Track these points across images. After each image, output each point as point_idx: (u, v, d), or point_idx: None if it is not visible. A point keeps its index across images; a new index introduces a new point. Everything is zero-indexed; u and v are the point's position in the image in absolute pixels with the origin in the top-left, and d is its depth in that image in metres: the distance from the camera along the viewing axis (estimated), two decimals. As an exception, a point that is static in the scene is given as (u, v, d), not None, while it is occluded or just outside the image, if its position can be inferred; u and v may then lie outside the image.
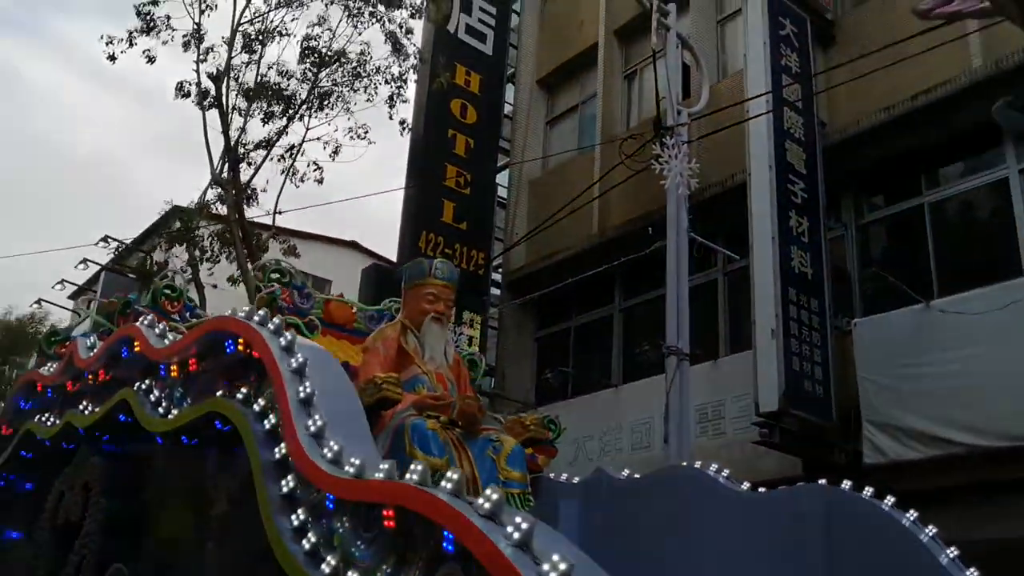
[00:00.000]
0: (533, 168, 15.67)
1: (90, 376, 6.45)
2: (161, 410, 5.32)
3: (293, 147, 15.49)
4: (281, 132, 15.21)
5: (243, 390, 4.53)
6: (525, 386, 14.19)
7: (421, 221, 14.38)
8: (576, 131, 15.65)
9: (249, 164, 15.21)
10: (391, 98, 15.25)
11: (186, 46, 14.69)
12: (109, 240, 19.71)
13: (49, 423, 6.85)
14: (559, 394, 13.20)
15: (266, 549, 3.90)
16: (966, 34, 9.29)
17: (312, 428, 3.87)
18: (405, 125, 15.45)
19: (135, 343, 5.84)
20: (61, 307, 25.36)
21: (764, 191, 10.08)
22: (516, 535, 2.67)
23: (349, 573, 3.33)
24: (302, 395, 4.05)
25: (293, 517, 3.73)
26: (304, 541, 3.61)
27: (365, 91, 15.26)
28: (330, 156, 15.52)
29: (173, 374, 5.41)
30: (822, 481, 4.55)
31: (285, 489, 3.86)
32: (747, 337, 10.11)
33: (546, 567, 2.56)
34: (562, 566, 2.55)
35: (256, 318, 4.64)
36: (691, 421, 9.59)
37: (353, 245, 28.38)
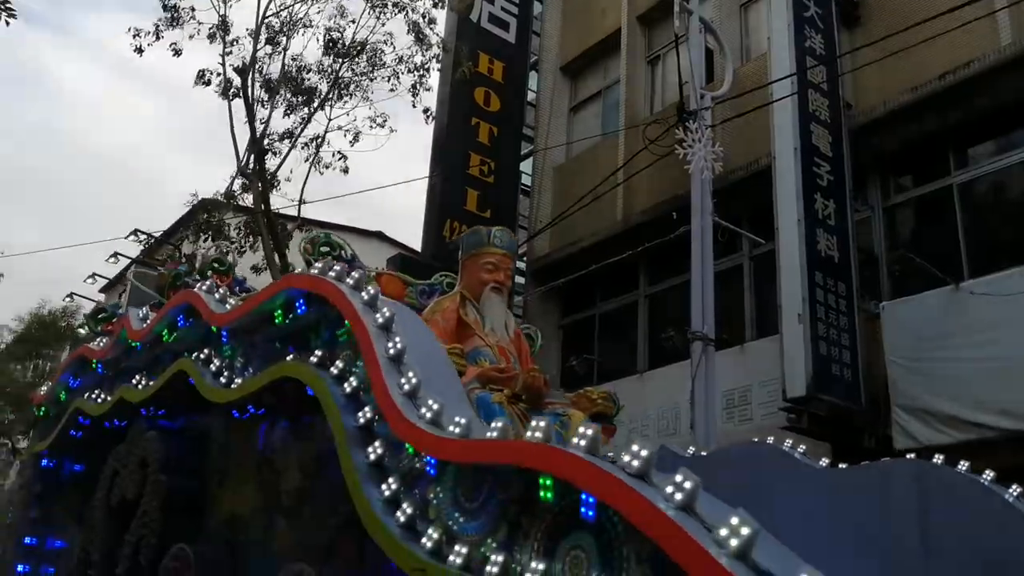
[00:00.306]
0: (557, 155, 15.64)
1: (144, 349, 6.20)
2: (223, 380, 5.05)
3: (317, 137, 15.58)
4: (306, 121, 15.29)
5: (318, 352, 4.24)
6: (550, 373, 14.14)
7: (445, 210, 14.41)
8: (600, 117, 15.60)
9: (274, 154, 15.31)
10: (414, 87, 15.27)
11: (211, 38, 14.77)
12: (139, 233, 19.91)
13: (99, 400, 6.62)
14: (584, 381, 13.15)
15: (344, 524, 3.70)
16: (994, 11, 9.15)
17: (406, 387, 3.59)
18: (429, 113, 15.47)
19: (192, 312, 5.56)
20: (92, 300, 25.67)
21: (789, 174, 10.00)
22: (678, 496, 2.30)
23: (456, 547, 3.01)
24: (392, 352, 3.75)
25: (384, 487, 3.45)
26: (399, 513, 3.31)
27: (388, 80, 15.30)
28: (350, 143, 15.57)
29: (238, 339, 5.12)
30: (911, 456, 4.44)
31: (373, 456, 3.59)
32: (774, 322, 10.04)
33: (724, 532, 2.15)
34: (745, 530, 2.12)
35: (332, 273, 4.37)
36: (717, 407, 9.56)
37: (378, 235, 28.46)
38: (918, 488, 4.14)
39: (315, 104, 15.17)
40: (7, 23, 10.50)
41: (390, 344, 3.79)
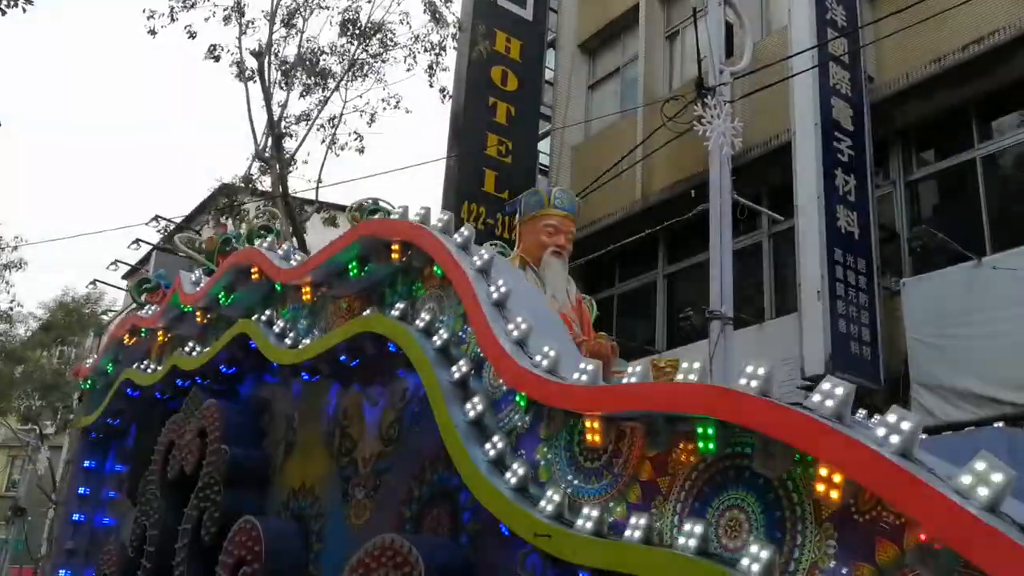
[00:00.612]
0: (575, 134, 15.51)
1: (198, 313, 5.94)
2: (288, 341, 4.78)
3: (334, 118, 15.56)
4: (323, 103, 15.27)
5: (399, 306, 3.98)
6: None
7: (463, 191, 14.33)
8: (618, 95, 15.44)
9: (291, 137, 15.31)
10: (431, 67, 15.20)
11: (227, 20, 14.75)
12: (159, 219, 20.03)
13: (149, 370, 6.38)
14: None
15: (435, 493, 3.51)
16: (1019, -21, 8.92)
17: (515, 333, 3.27)
18: (445, 93, 15.38)
19: (253, 269, 5.29)
20: (115, 287, 25.91)
21: (809, 150, 9.85)
22: (895, 439, 1.92)
23: (585, 509, 2.67)
24: (495, 296, 3.45)
25: (488, 446, 3.16)
26: (508, 475, 3.01)
27: (404, 61, 15.26)
28: (367, 123, 15.55)
29: (305, 297, 4.82)
30: (999, 424, 4.28)
31: (472, 413, 3.30)
32: (793, 300, 9.93)
33: (967, 479, 1.78)
34: (997, 477, 1.76)
35: (416, 217, 4.10)
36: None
37: (398, 218, 28.44)
38: (1010, 458, 4.02)
39: (331, 86, 15.14)
40: (24, 10, 10.56)
41: (492, 288, 3.49)
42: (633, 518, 2.51)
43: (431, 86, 15.35)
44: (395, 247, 4.14)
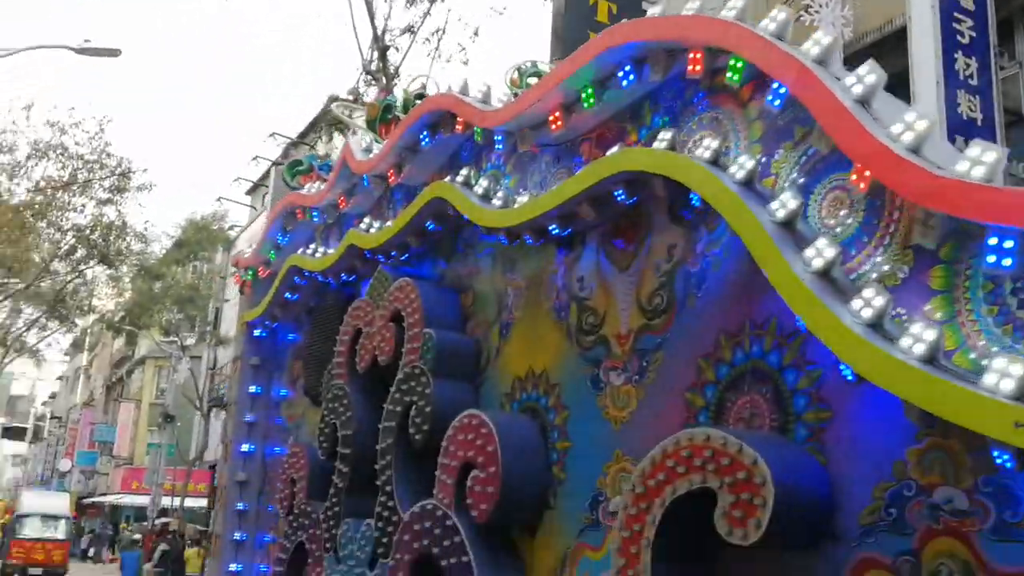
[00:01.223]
0: (680, 28, 15.10)
1: (373, 182, 5.26)
2: (497, 202, 4.08)
3: (437, 30, 15.68)
4: (426, 14, 15.36)
5: (663, 136, 3.22)
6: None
7: (568, 95, 14.24)
8: (724, -15, 14.89)
9: (396, 50, 15.52)
10: (530, -31, 14.98)
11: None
12: (276, 136, 20.67)
13: (318, 254, 5.78)
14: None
15: (743, 374, 2.79)
16: None
17: (907, 137, 2.44)
18: (546, -5, 15.21)
19: (441, 125, 4.51)
20: (239, 203, 26.96)
21: (926, 33, 9.39)
22: None
23: None
24: (858, 90, 2.67)
25: (857, 304, 2.33)
26: (908, 341, 2.18)
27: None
28: (470, 38, 15.63)
29: (522, 147, 4.04)
30: None
31: (819, 262, 2.46)
32: (912, 194, 9.65)
33: None
34: None
35: (691, 9, 3.24)
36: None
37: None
38: None
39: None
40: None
41: (851, 80, 2.68)
42: None
43: (531, -11, 15.18)
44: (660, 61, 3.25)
